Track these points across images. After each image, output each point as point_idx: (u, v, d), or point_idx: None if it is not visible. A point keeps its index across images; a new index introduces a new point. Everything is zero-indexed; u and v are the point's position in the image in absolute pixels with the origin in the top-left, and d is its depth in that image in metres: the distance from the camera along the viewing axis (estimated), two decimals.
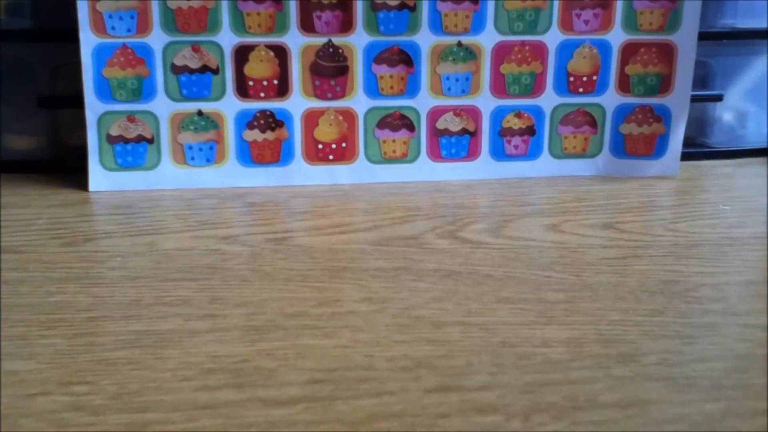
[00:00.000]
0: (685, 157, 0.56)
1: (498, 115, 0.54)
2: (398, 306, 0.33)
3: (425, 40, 0.51)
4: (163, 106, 0.50)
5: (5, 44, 0.52)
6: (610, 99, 0.54)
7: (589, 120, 0.54)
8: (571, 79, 0.53)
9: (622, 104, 0.54)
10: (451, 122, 0.53)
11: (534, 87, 0.53)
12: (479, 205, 0.49)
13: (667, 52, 0.53)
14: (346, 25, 0.50)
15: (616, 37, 0.53)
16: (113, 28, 0.49)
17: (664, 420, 0.25)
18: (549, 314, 0.32)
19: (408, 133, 0.53)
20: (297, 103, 0.51)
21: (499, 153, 0.54)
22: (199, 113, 0.51)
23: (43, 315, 0.32)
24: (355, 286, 0.35)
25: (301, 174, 0.52)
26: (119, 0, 0.48)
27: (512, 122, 0.54)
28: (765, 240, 0.42)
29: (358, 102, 0.52)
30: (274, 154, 0.52)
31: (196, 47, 0.50)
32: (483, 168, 0.54)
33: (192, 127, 0.51)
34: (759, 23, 0.58)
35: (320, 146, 0.52)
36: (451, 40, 0.51)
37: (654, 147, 0.55)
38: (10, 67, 0.53)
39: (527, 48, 0.52)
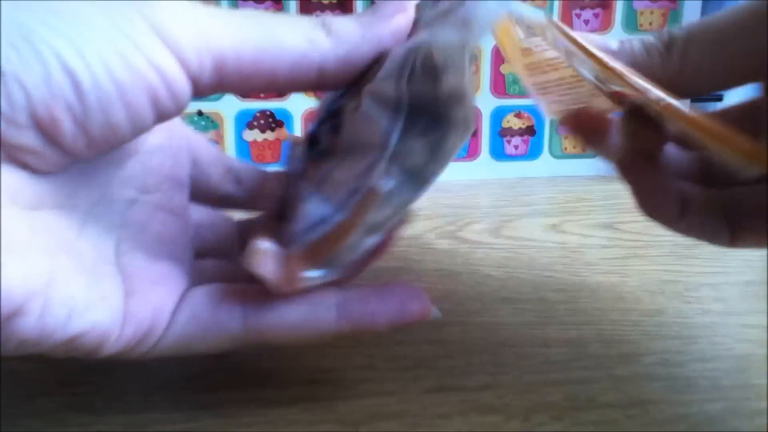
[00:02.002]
0: None
1: (498, 115, 0.54)
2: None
3: None
4: None
5: None
6: None
7: None
8: None
9: None
10: None
11: None
12: (479, 205, 0.49)
13: None
14: None
15: (616, 37, 0.53)
16: None
17: (664, 420, 0.25)
18: (549, 314, 0.32)
19: None
20: (297, 103, 0.51)
21: (499, 153, 0.54)
22: (199, 113, 0.51)
23: None
24: None
25: None
26: None
27: (512, 122, 0.54)
28: None
29: None
30: (275, 154, 0.52)
31: None
32: (483, 168, 0.54)
33: (192, 127, 0.51)
34: None
35: None
36: None
37: None
38: None
39: None
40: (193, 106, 0.51)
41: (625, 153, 0.26)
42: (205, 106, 0.51)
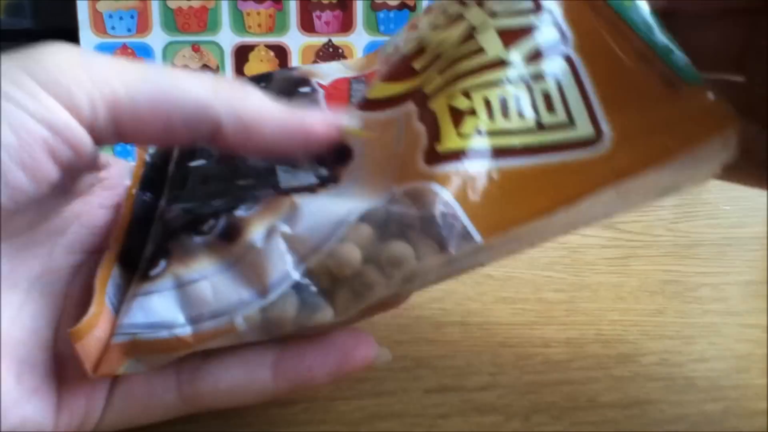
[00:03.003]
0: None
1: None
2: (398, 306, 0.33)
3: None
4: None
5: (5, 44, 0.52)
6: None
7: None
8: None
9: None
10: None
11: None
12: None
13: None
14: (346, 25, 0.50)
15: None
16: (113, 28, 0.49)
17: (664, 420, 0.25)
18: (549, 314, 0.32)
19: None
20: None
21: None
22: None
23: None
24: None
25: None
26: (119, 0, 0.48)
27: None
28: (765, 240, 0.42)
29: None
30: None
31: (196, 47, 0.50)
32: None
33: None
34: None
35: None
36: None
37: None
38: None
39: None
40: None
41: None
42: None
